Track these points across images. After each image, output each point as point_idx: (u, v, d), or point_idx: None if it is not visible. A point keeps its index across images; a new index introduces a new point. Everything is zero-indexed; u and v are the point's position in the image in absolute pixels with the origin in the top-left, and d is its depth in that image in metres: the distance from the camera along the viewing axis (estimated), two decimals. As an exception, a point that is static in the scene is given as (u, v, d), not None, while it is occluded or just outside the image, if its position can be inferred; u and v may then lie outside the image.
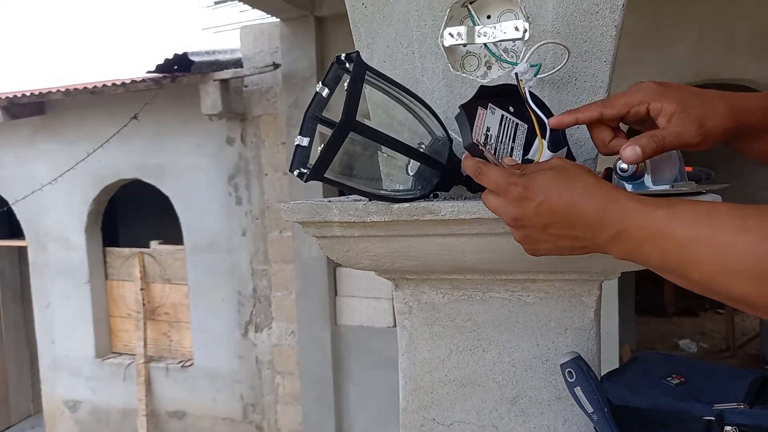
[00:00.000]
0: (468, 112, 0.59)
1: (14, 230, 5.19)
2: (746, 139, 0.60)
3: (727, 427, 0.60)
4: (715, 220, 0.45)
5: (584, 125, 0.61)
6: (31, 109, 4.41)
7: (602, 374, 0.73)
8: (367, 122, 0.61)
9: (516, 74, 0.62)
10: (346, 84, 0.58)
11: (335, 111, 0.58)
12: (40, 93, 4.07)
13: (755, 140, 0.60)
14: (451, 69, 0.74)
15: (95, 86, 3.86)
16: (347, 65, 0.60)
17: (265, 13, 3.69)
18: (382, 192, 0.68)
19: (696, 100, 0.55)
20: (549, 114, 0.63)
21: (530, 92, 0.62)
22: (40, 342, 4.91)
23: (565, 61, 0.66)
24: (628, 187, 0.60)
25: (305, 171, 0.60)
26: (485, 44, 0.72)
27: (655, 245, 0.47)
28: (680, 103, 0.55)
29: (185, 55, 3.75)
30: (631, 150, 0.53)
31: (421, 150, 0.65)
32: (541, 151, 0.62)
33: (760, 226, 0.42)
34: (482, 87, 0.62)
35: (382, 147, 0.62)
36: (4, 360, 5.64)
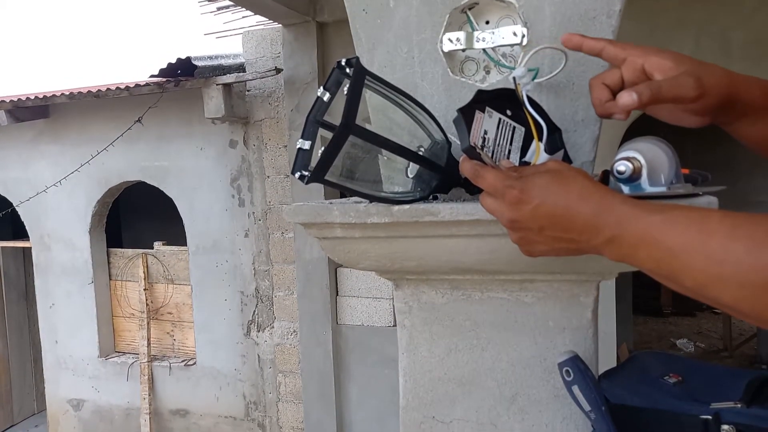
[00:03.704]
0: (466, 115, 0.60)
1: (18, 231, 5.21)
2: (745, 122, 0.58)
3: (725, 426, 0.60)
4: (706, 227, 0.44)
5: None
6: (35, 112, 4.42)
7: (600, 373, 0.74)
8: (367, 126, 0.62)
9: (514, 78, 0.63)
10: (346, 88, 0.59)
11: (336, 115, 0.58)
12: (45, 96, 4.08)
13: (755, 123, 0.58)
14: (450, 74, 0.74)
15: (99, 90, 3.86)
16: (348, 70, 0.60)
17: (267, 19, 3.69)
18: (383, 194, 0.68)
19: (694, 61, 0.56)
20: (546, 117, 0.64)
21: (528, 96, 0.63)
22: (44, 341, 4.92)
23: (562, 65, 0.66)
24: (625, 189, 0.61)
25: (306, 173, 0.60)
26: (484, 49, 0.73)
27: (648, 251, 0.47)
28: (677, 61, 0.55)
29: (188, 59, 3.75)
30: (627, 95, 0.53)
31: (421, 153, 0.66)
32: (537, 153, 0.63)
33: (752, 235, 0.42)
34: (480, 91, 0.63)
35: (382, 150, 0.63)
36: (8, 359, 5.66)
